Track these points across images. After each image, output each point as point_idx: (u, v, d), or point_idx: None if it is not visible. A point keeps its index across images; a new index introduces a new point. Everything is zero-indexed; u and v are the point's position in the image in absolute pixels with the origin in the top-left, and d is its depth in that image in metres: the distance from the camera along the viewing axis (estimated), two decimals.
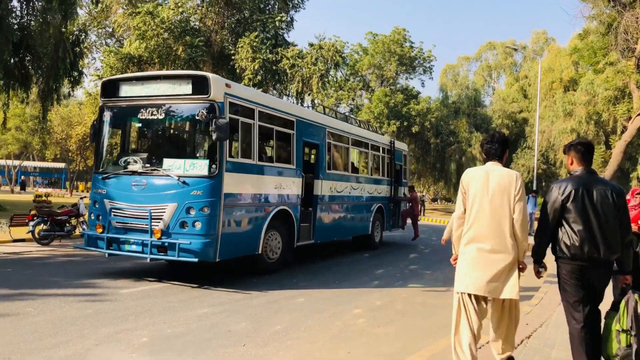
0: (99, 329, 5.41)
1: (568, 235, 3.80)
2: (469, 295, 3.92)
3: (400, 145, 16.63)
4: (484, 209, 3.87)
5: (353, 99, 42.52)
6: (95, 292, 7.26)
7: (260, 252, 8.85)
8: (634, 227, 3.83)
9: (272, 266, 9.31)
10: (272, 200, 9.24)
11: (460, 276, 3.98)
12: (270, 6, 21.94)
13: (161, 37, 18.17)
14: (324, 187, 11.08)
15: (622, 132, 24.94)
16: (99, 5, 20.33)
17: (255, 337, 5.44)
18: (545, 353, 5.01)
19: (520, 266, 3.92)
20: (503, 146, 4.14)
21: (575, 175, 3.93)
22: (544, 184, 38.79)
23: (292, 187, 9.81)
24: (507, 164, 4.26)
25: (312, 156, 12.94)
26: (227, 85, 8.08)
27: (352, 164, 13.30)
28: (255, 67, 19.07)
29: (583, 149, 4.01)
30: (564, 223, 3.84)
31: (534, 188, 24.06)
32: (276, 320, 6.14)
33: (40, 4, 17.52)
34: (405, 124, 36.47)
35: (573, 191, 3.80)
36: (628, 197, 3.33)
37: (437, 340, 5.50)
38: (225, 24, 20.79)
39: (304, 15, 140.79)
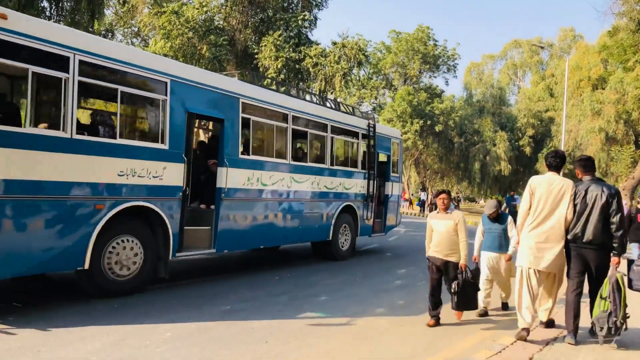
0: (125, 324, 5.50)
1: (575, 223, 5.31)
2: (529, 269, 5.43)
3: (387, 131, 13.73)
4: (546, 207, 5.34)
5: (376, 98, 42.40)
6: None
7: (87, 267, 6.09)
8: None
9: (120, 287, 6.55)
10: (109, 194, 6.29)
11: (522, 255, 5.49)
12: (293, 5, 21.99)
13: (186, 37, 18.39)
14: (234, 178, 8.20)
15: None
16: (126, 5, 20.65)
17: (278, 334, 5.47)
18: (572, 354, 4.92)
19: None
20: (563, 161, 5.60)
21: (583, 182, 5.43)
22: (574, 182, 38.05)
23: (163, 174, 6.98)
24: (533, 164, 6.39)
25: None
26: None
27: (299, 149, 10.71)
28: (279, 66, 19.16)
29: (584, 163, 5.52)
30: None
31: None
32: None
33: (69, 4, 17.88)
34: (428, 122, 36.19)
35: (578, 192, 5.33)
36: None
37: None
38: (249, 23, 20.92)
39: (327, 14, 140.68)
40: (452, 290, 5.90)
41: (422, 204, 37.60)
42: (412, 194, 41.73)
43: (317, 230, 10.52)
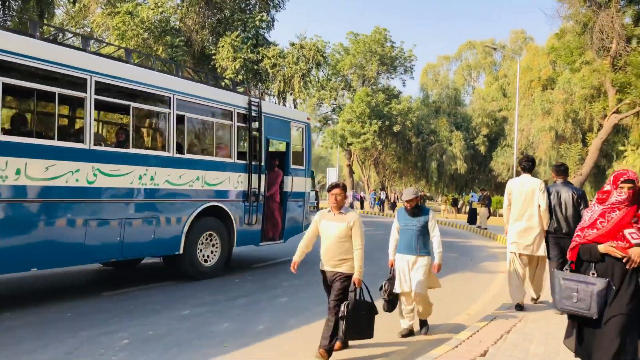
0: (79, 332, 5.36)
1: (552, 218, 6.54)
2: (515, 253, 6.63)
3: (286, 112, 11.40)
4: (522, 203, 6.59)
5: (335, 99, 42.67)
6: (74, 296, 7.17)
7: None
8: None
9: None
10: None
11: (510, 242, 6.69)
12: (251, 6, 21.85)
13: (141, 37, 17.99)
14: None
15: (599, 130, 25.45)
16: (77, 4, 20.05)
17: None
18: (524, 347, 5.11)
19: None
20: (533, 164, 6.86)
21: (556, 184, 6.70)
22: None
23: None
24: (488, 162, 6.58)
25: None
26: None
27: (113, 131, 8.87)
28: (236, 67, 18.99)
29: (558, 168, 6.83)
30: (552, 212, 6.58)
31: None
32: None
33: (17, 3, 17.24)
34: (387, 123, 36.71)
35: (553, 193, 6.58)
36: (608, 187, 3.61)
37: None
38: (206, 24, 20.65)
39: (285, 15, 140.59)
40: (340, 314, 4.58)
41: (381, 203, 38.08)
42: (362, 194, 42.24)
43: (155, 243, 7.85)
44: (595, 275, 3.49)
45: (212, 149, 9.32)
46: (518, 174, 26.62)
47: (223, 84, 10.41)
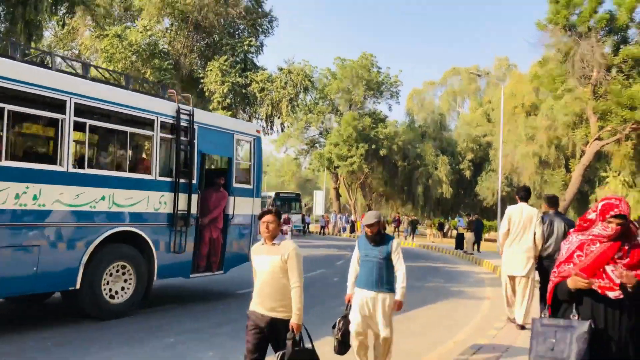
0: None
1: (545, 245, 7.17)
2: (508, 275, 7.42)
3: (228, 123, 9.92)
4: (519, 228, 7.20)
5: (322, 122, 43.00)
6: (53, 323, 7.03)
7: None
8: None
9: None
10: None
11: (505, 265, 7.47)
12: (240, 31, 22.11)
13: (129, 60, 18.09)
14: None
15: (581, 156, 25.86)
16: (65, 27, 20.13)
17: None
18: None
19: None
20: (529, 193, 7.62)
21: (549, 214, 7.34)
22: (508, 205, 39.60)
23: None
24: (473, 187, 6.45)
25: None
26: None
27: None
28: (225, 91, 19.12)
29: (550, 200, 7.62)
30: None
31: (499, 210, 24.56)
32: None
33: (4, 25, 17.21)
34: (373, 147, 37.00)
35: (547, 222, 7.21)
36: (592, 215, 3.11)
37: None
38: (195, 48, 20.84)
39: (273, 40, 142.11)
40: None
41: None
42: (353, 218, 42.11)
43: (40, 277, 6.43)
44: (576, 317, 3.00)
45: (125, 163, 7.90)
46: (503, 200, 26.63)
47: (147, 87, 9.36)
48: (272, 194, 35.27)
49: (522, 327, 7.23)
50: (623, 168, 26.26)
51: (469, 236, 21.88)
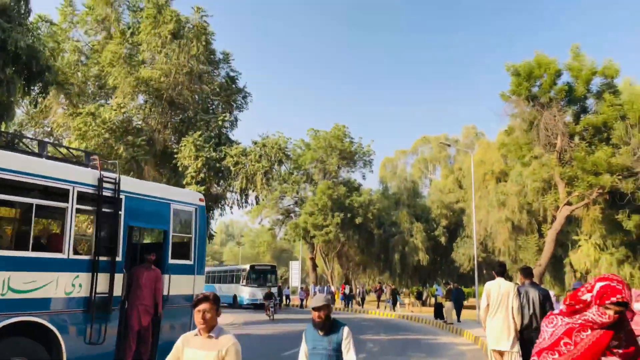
0: None
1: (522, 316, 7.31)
2: (495, 350, 7.45)
3: (163, 192, 9.03)
4: (498, 303, 7.41)
5: (297, 192, 43.16)
6: None
7: None
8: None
9: None
10: None
11: (489, 339, 7.56)
12: (214, 106, 22.48)
13: (102, 137, 18.04)
14: None
15: (553, 221, 26.33)
16: (38, 106, 20.17)
17: None
18: None
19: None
20: (504, 269, 7.99)
21: (524, 285, 7.60)
22: (484, 271, 39.67)
23: None
24: (449, 253, 7.06)
25: None
26: None
27: None
28: (199, 165, 19.10)
29: (525, 271, 7.87)
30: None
31: (476, 276, 24.51)
32: None
33: None
34: (349, 215, 37.07)
35: (522, 293, 7.45)
36: (587, 297, 2.74)
37: None
38: (169, 124, 20.99)
39: (247, 114, 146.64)
40: None
41: (345, 297, 37.20)
42: (333, 289, 41.43)
43: None
44: None
45: (27, 240, 6.62)
46: (479, 266, 26.68)
47: (67, 154, 8.68)
48: (247, 267, 34.62)
49: None
50: (593, 232, 26.78)
51: (448, 305, 21.61)
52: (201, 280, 9.23)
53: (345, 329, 4.26)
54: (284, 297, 37.99)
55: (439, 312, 22.86)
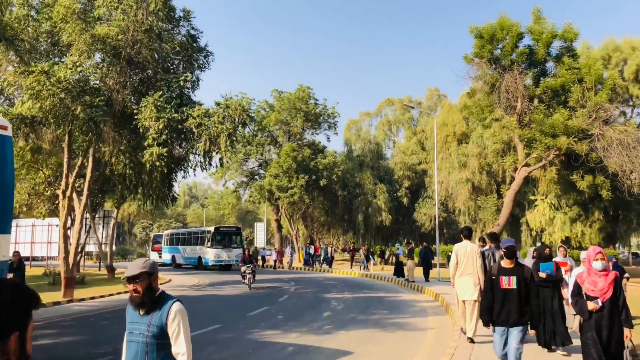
0: None
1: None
2: (463, 300, 8.90)
3: None
4: (465, 262, 8.75)
5: (262, 154, 42.88)
6: None
7: None
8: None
9: None
10: None
11: (459, 291, 8.96)
12: (175, 66, 21.78)
13: (57, 97, 17.27)
14: None
15: (511, 182, 27.13)
16: None
17: None
18: None
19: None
20: (470, 232, 9.20)
21: (491, 247, 9.26)
22: (445, 230, 40.84)
23: None
24: (411, 214, 10.61)
25: None
26: None
27: None
28: (160, 127, 18.61)
29: (491, 236, 9.83)
30: None
31: (437, 235, 25.15)
32: None
33: None
34: (313, 177, 37.20)
35: (489, 254, 9.27)
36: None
37: None
38: (128, 83, 20.28)
39: (209, 75, 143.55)
40: None
41: (310, 257, 37.65)
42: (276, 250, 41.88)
43: None
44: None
45: None
46: (440, 225, 27.27)
47: None
48: (212, 229, 34.54)
49: (472, 341, 8.55)
50: (549, 192, 27.79)
51: (410, 264, 22.19)
52: (6, 240, 6.62)
53: (174, 307, 3.10)
54: (259, 258, 38.25)
55: (399, 270, 23.45)
